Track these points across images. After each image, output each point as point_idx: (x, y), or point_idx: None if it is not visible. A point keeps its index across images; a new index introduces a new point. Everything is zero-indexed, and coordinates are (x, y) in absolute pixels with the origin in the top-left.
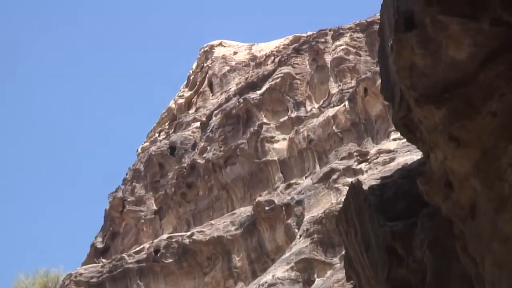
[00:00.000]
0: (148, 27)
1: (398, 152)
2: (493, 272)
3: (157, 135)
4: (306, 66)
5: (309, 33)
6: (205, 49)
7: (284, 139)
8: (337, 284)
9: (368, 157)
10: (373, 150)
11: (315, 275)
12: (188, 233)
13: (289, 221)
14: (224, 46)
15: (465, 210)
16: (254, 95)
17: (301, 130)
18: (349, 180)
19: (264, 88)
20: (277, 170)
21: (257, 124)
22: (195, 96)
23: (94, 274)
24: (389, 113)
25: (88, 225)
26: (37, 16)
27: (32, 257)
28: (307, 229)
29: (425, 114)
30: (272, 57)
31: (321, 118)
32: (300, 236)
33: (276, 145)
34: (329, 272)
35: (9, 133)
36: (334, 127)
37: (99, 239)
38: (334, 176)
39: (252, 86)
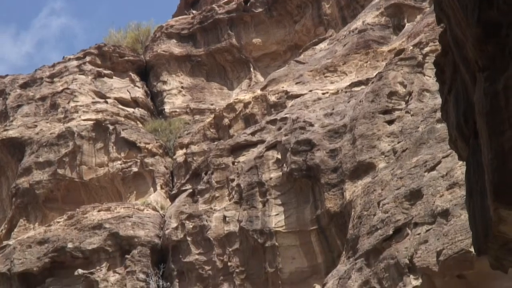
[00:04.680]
0: None
1: None
2: None
3: None
4: None
5: None
6: None
7: None
8: (427, 28)
9: None
10: None
11: (405, 20)
12: None
13: None
14: None
15: None
16: None
17: None
18: None
19: None
20: None
21: None
22: None
23: (185, 26)
24: None
25: None
26: None
27: (123, 11)
28: None
29: None
30: None
31: None
32: None
33: None
34: (418, 17)
35: None
36: None
37: None
38: None
39: None
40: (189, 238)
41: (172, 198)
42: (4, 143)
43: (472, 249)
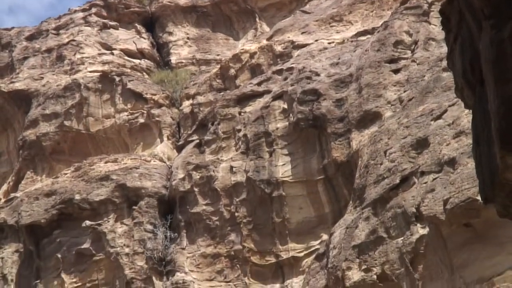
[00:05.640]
0: None
1: None
2: None
3: None
4: None
5: None
6: None
7: None
8: None
9: None
10: None
11: None
12: None
13: None
14: None
15: None
16: None
17: None
18: None
19: None
20: None
21: None
22: None
23: None
24: None
25: None
26: None
27: None
28: None
29: None
30: None
31: None
32: None
33: None
34: None
35: None
36: None
37: None
38: None
39: None
40: (196, 189)
41: (179, 149)
42: (11, 95)
43: (479, 197)
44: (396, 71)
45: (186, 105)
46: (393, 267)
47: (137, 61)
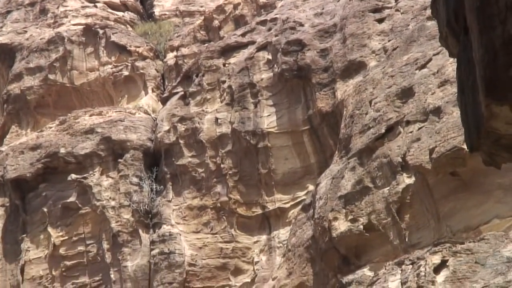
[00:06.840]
0: None
1: None
2: None
3: None
4: None
5: None
6: None
7: None
8: None
9: None
10: None
11: None
12: None
13: None
14: None
15: None
16: None
17: None
18: None
19: None
20: None
21: None
22: None
23: None
24: None
25: None
26: None
27: None
28: None
29: None
30: None
31: None
32: None
33: None
34: None
35: None
36: None
37: None
38: None
39: None
40: (181, 141)
41: (164, 101)
42: None
43: (464, 146)
44: (380, 21)
45: (170, 57)
46: (380, 217)
47: (120, 13)
